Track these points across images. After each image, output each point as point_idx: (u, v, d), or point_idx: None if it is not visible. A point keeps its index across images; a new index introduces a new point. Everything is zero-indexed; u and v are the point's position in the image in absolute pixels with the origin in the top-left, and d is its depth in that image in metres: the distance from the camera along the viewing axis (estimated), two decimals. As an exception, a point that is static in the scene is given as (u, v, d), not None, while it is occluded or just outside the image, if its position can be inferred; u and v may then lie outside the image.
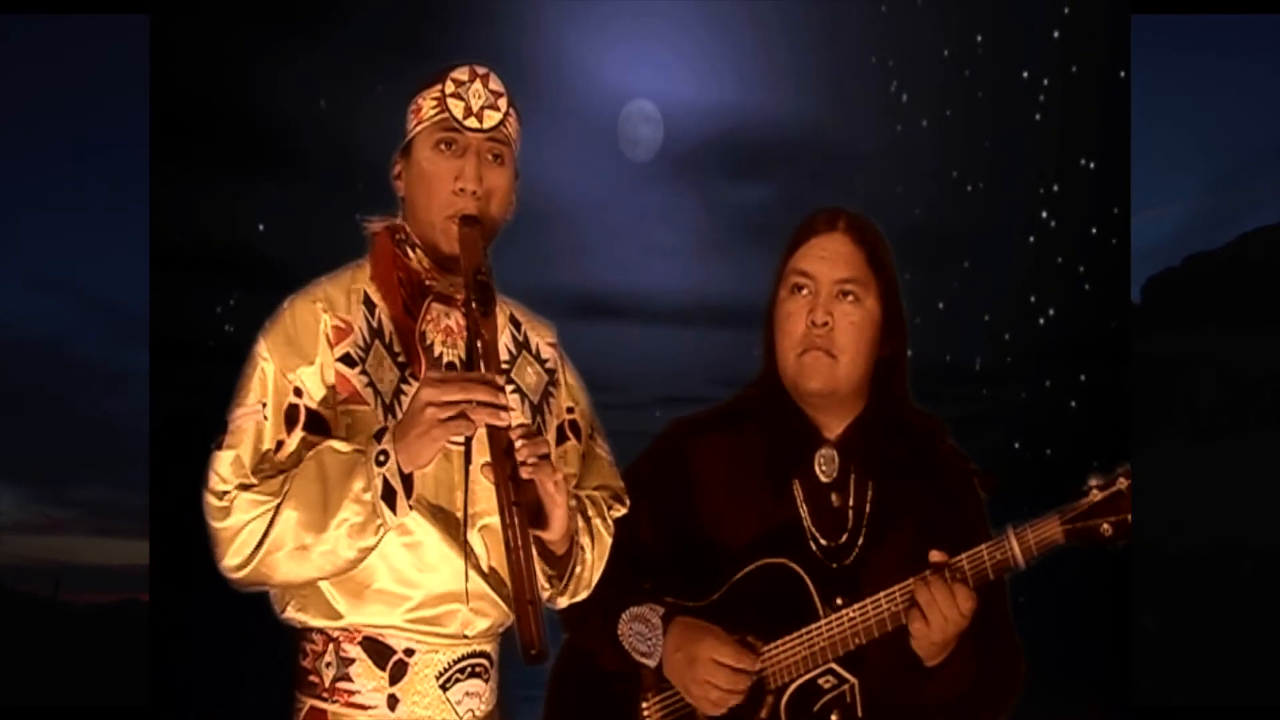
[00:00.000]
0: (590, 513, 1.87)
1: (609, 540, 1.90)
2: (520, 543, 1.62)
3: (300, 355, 1.76)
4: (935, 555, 1.86)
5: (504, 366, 1.83)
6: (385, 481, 1.66)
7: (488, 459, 1.66)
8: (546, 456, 1.69)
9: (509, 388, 1.82)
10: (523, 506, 1.64)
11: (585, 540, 1.84)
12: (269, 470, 1.72)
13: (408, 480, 1.67)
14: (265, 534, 1.68)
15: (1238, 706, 6.19)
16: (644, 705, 2.00)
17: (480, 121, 1.80)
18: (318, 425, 1.74)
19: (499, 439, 1.64)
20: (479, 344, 1.70)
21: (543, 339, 1.95)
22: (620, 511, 1.94)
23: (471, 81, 1.81)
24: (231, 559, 1.70)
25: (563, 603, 1.85)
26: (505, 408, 1.64)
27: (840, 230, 1.98)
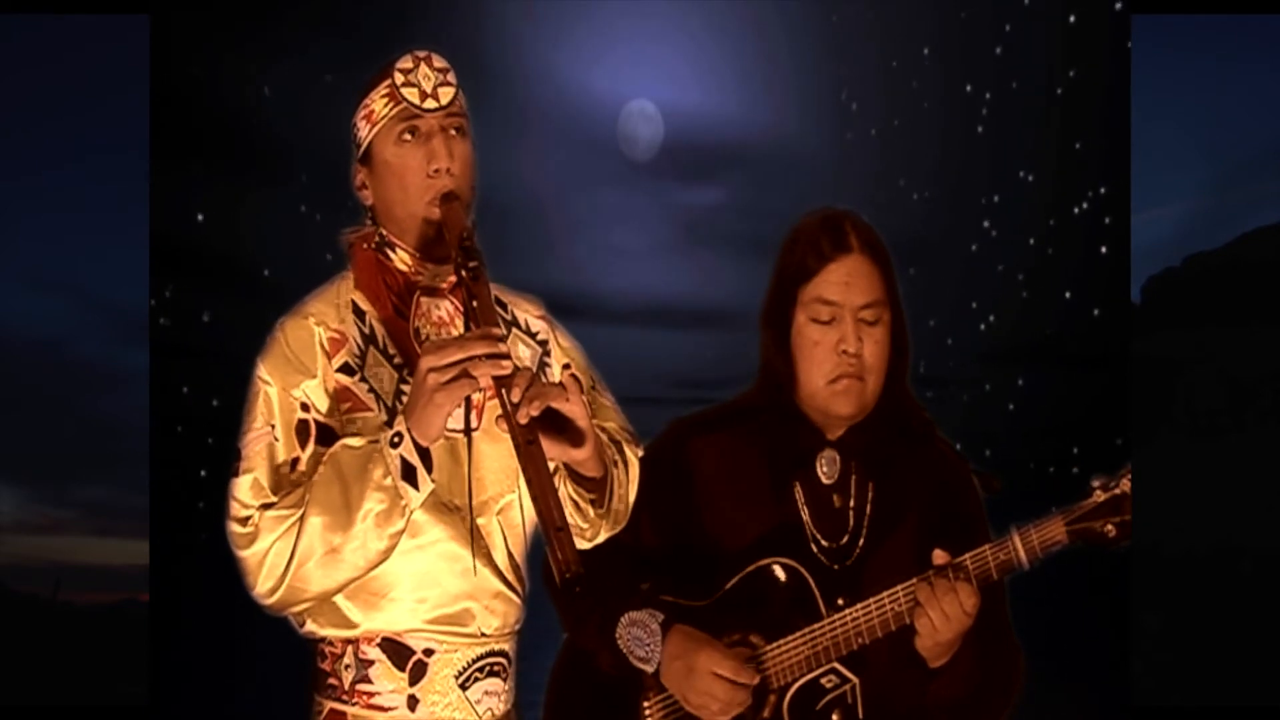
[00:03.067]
0: (617, 439, 1.89)
1: (637, 465, 1.91)
2: (541, 477, 1.62)
3: (301, 371, 1.76)
4: (939, 555, 1.86)
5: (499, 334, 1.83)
6: (403, 460, 1.66)
7: (500, 413, 1.64)
8: (547, 384, 1.70)
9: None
10: (538, 443, 1.64)
11: (617, 459, 1.85)
12: (288, 487, 1.71)
13: (425, 454, 1.67)
14: (294, 548, 1.67)
15: (1238, 706, 6.19)
16: (645, 706, 1.99)
17: (438, 100, 1.80)
18: (328, 438, 1.74)
19: (506, 387, 1.64)
20: (474, 305, 1.70)
21: (530, 313, 1.96)
22: (640, 451, 1.95)
23: (416, 66, 1.81)
24: (264, 583, 1.69)
25: (604, 536, 1.85)
26: (506, 356, 1.64)
27: (856, 251, 1.96)
